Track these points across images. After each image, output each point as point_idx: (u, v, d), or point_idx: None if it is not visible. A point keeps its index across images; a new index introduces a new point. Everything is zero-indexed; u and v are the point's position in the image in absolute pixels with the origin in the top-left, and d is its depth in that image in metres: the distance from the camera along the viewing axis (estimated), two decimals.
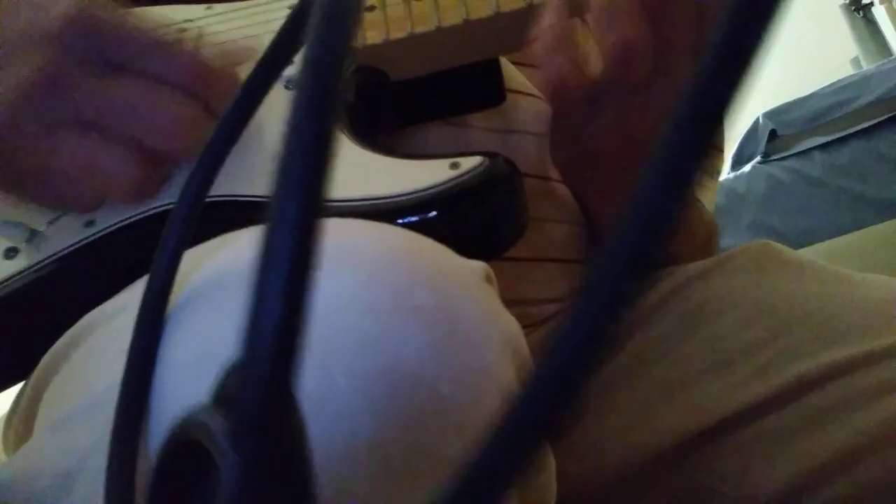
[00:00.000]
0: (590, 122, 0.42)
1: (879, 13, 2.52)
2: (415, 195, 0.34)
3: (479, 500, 0.08)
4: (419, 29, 0.42)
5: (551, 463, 0.25)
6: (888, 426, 0.36)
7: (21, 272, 0.37)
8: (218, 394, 0.12)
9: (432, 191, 0.34)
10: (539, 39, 0.41)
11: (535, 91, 0.51)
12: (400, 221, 0.33)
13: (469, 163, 0.35)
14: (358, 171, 0.35)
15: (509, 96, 0.50)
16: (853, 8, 2.54)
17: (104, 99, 0.34)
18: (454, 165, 0.35)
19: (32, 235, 0.38)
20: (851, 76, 1.89)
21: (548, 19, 0.41)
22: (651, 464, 0.41)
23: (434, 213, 0.33)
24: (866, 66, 2.33)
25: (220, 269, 0.24)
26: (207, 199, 0.22)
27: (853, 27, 2.54)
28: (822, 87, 1.87)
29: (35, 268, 0.37)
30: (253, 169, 0.37)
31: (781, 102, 1.89)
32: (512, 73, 0.52)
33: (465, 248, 0.36)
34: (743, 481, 0.38)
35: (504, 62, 0.49)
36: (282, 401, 0.08)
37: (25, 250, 0.38)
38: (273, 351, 0.08)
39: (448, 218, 0.34)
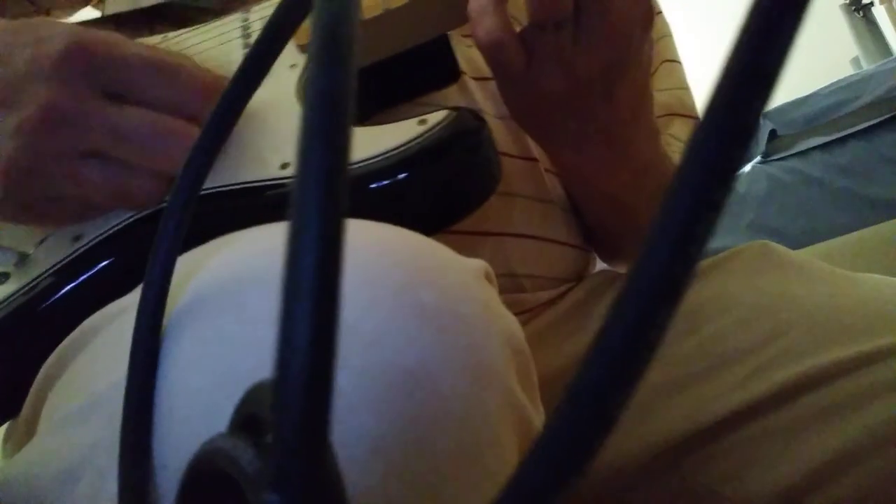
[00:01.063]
0: (529, 66, 0.42)
1: (879, 13, 2.52)
2: (387, 154, 0.34)
3: None
4: (368, 14, 0.42)
5: None
6: (888, 426, 0.36)
7: (13, 294, 0.36)
8: (241, 419, 0.12)
9: (403, 148, 0.34)
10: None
11: (489, 73, 0.51)
12: (375, 184, 0.34)
13: (436, 117, 0.36)
14: None
15: (467, 81, 0.50)
16: (853, 8, 2.54)
17: (115, 131, 0.34)
18: (422, 122, 0.35)
19: (22, 259, 0.37)
20: (851, 76, 1.89)
21: None
22: (650, 464, 0.42)
23: (408, 169, 0.34)
24: (866, 66, 2.32)
25: (224, 273, 0.24)
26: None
27: (853, 27, 2.54)
28: (822, 87, 1.86)
29: (26, 288, 0.36)
30: (233, 157, 0.37)
31: (781, 102, 1.89)
32: (469, 59, 0.52)
33: (443, 203, 0.36)
34: (743, 482, 0.38)
35: (459, 48, 0.49)
36: (321, 436, 0.08)
37: (16, 274, 0.37)
38: (309, 386, 0.08)
39: (422, 173, 0.34)
